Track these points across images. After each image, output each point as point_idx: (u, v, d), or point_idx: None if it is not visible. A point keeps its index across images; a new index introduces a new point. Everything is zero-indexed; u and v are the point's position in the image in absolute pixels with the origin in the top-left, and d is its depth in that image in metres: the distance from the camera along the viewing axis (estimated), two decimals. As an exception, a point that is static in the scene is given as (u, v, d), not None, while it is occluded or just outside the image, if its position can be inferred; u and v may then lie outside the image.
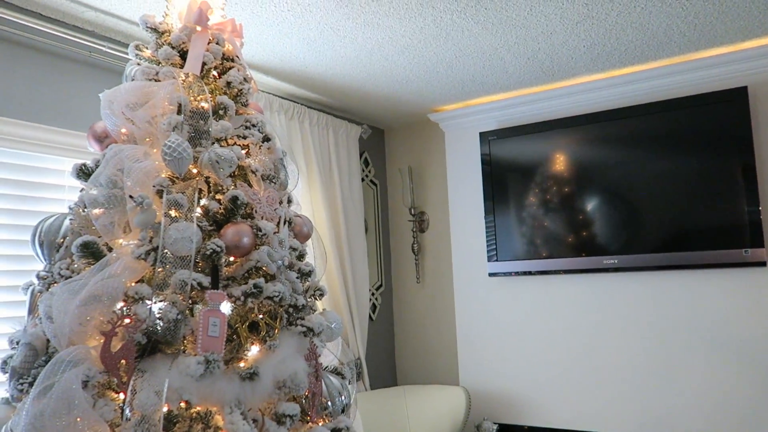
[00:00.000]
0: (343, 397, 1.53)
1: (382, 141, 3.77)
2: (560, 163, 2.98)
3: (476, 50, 2.53)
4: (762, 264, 2.52)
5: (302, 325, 1.43)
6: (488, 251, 3.15)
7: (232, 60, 1.63)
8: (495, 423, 3.07)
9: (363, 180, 3.54)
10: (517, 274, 3.07)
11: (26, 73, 1.94)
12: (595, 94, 2.97)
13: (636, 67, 2.80)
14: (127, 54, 1.62)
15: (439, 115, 3.39)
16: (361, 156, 3.51)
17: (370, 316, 3.43)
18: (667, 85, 2.82)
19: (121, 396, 1.23)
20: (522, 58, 2.64)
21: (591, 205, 2.90)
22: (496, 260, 3.12)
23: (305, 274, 1.57)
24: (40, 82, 1.97)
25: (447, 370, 3.39)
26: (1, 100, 1.86)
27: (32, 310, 1.36)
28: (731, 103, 2.60)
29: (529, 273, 3.04)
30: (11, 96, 1.89)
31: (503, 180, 3.13)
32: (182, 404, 1.25)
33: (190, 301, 1.31)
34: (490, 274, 3.14)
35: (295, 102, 2.93)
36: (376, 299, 3.56)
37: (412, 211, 3.58)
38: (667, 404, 2.75)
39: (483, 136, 3.20)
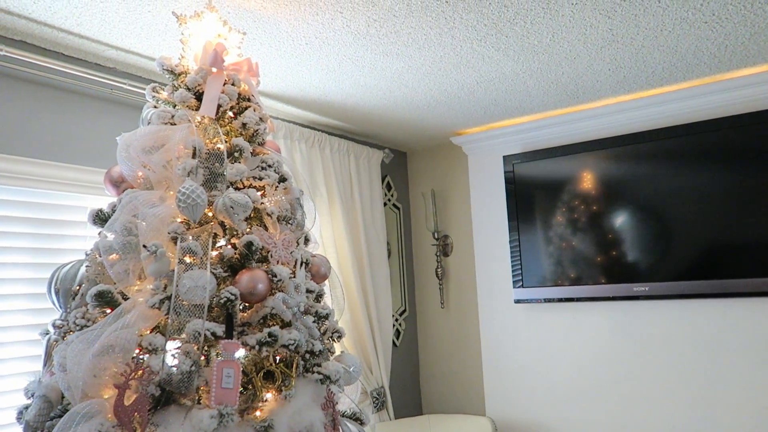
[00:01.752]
0: (361, 445, 1.49)
1: (404, 164, 3.74)
2: (587, 184, 2.91)
3: (498, 76, 2.48)
4: (803, 293, 2.40)
5: (319, 372, 1.40)
6: (513, 276, 3.09)
7: (248, 99, 1.62)
8: (523, 455, 2.98)
9: (386, 204, 3.51)
10: (543, 301, 2.99)
11: (48, 112, 1.96)
12: (623, 115, 2.89)
13: (664, 89, 2.72)
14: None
15: (461, 139, 3.35)
16: (383, 180, 3.49)
17: (393, 342, 3.39)
18: (697, 106, 2.73)
19: (135, 449, 1.21)
20: (545, 82, 2.58)
21: (620, 229, 2.81)
22: (522, 286, 3.05)
23: (322, 317, 1.54)
24: (62, 121, 2.00)
25: (473, 399, 3.31)
26: (24, 140, 1.89)
27: (48, 359, 1.36)
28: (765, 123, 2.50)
29: (556, 300, 2.96)
30: (34, 136, 1.92)
31: (528, 201, 3.07)
32: (196, 459, 1.22)
33: (204, 352, 1.29)
34: (516, 301, 3.07)
35: (315, 129, 2.93)
36: (400, 325, 3.51)
37: (436, 234, 3.53)
38: (704, 439, 2.63)
39: (507, 159, 3.15)
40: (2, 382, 1.83)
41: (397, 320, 3.48)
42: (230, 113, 1.57)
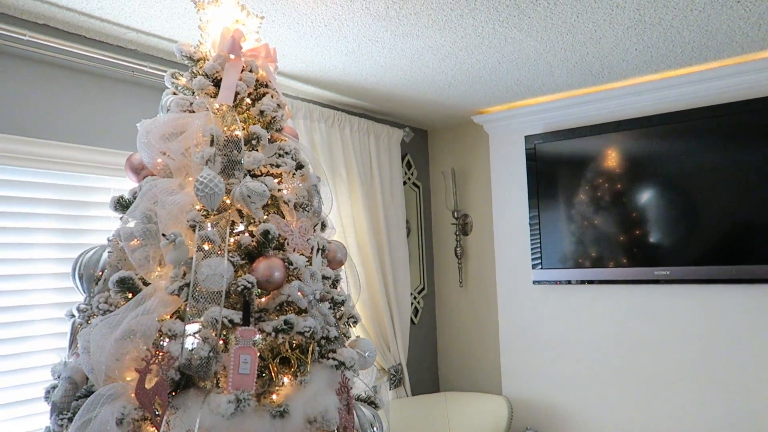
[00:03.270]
0: (375, 429, 1.52)
1: (425, 143, 3.71)
2: (610, 164, 2.86)
3: (520, 56, 2.43)
4: (829, 281, 2.35)
5: (334, 359, 1.42)
6: (532, 257, 3.07)
7: (266, 86, 1.62)
8: (538, 434, 3.02)
9: (405, 183, 3.50)
10: (563, 283, 2.98)
11: (72, 95, 1.99)
12: (650, 95, 2.82)
13: (694, 68, 2.64)
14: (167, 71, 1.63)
15: (483, 117, 3.31)
16: (403, 159, 3.48)
17: (411, 320, 3.42)
18: (728, 86, 2.64)
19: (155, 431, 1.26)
20: (569, 62, 2.53)
21: (643, 210, 2.77)
22: (541, 268, 3.04)
23: (338, 303, 1.56)
24: (85, 104, 2.02)
25: (490, 377, 3.34)
26: (48, 124, 1.92)
27: (73, 342, 1.40)
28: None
29: (575, 282, 2.94)
30: (58, 119, 1.95)
31: (549, 181, 3.03)
32: (214, 441, 1.27)
33: (222, 337, 1.32)
34: (535, 282, 3.07)
35: (335, 109, 2.92)
36: (418, 303, 3.54)
37: (455, 213, 3.52)
38: (709, 420, 2.62)
39: (528, 139, 3.10)
40: (31, 359, 1.90)
41: (415, 298, 3.51)
42: (248, 100, 1.57)
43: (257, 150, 1.51)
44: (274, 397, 1.36)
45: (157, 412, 1.25)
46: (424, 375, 3.48)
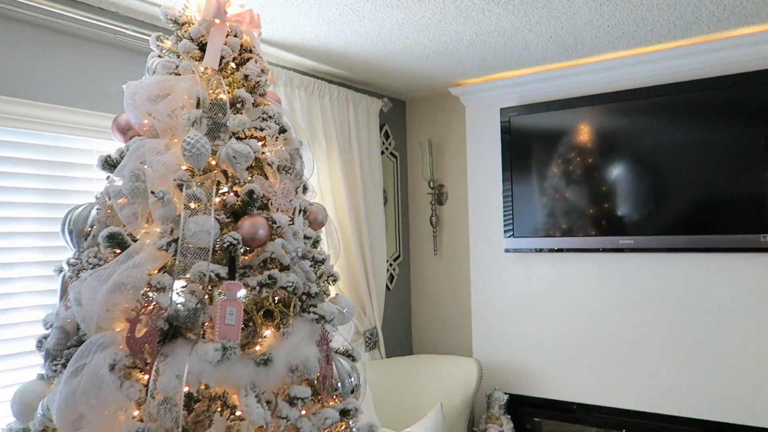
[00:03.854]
0: (352, 379, 1.62)
1: (403, 113, 3.77)
2: (582, 137, 2.97)
3: (497, 29, 2.50)
4: (779, 250, 2.51)
5: (314, 313, 1.51)
6: (505, 227, 3.19)
7: (250, 51, 1.66)
8: (506, 393, 3.17)
9: (383, 153, 3.57)
10: (532, 251, 3.11)
11: (53, 57, 2.00)
12: (620, 71, 2.92)
13: (662, 46, 2.74)
14: (149, 35, 1.66)
15: (460, 89, 3.38)
16: (381, 129, 3.54)
17: (387, 286, 3.52)
18: (694, 64, 2.75)
19: (146, 377, 1.33)
20: (544, 36, 2.60)
21: (612, 182, 2.90)
22: (513, 236, 3.15)
23: (319, 262, 1.64)
24: (67, 66, 2.04)
25: (461, 341, 3.48)
26: (29, 84, 1.93)
27: (63, 294, 1.46)
28: (764, 84, 2.54)
29: (544, 250, 3.07)
30: (39, 80, 1.96)
31: (522, 152, 3.14)
32: (201, 387, 1.35)
33: (208, 291, 1.39)
34: (506, 250, 3.19)
35: (315, 77, 2.95)
36: (394, 270, 3.64)
37: (431, 183, 3.61)
38: (673, 382, 2.80)
39: (503, 111, 3.19)
40: (17, 315, 1.94)
41: (391, 265, 3.61)
42: (232, 64, 1.62)
43: (242, 113, 1.56)
44: (257, 347, 1.44)
45: (147, 360, 1.32)
46: (398, 338, 3.60)
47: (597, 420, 3.05)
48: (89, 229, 1.48)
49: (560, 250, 3.03)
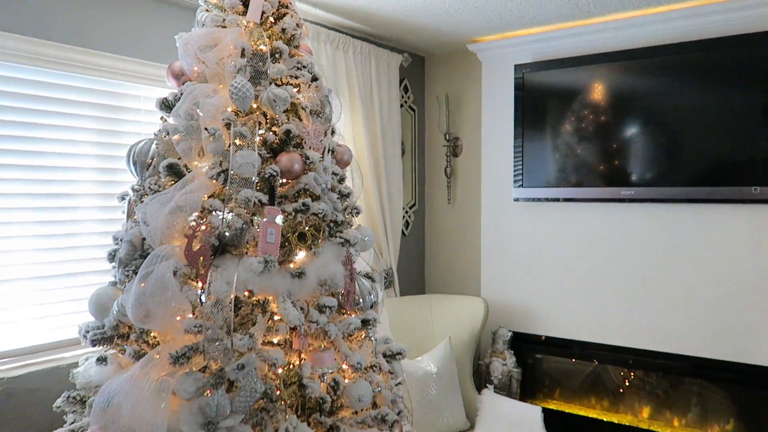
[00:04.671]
0: (372, 296, 1.88)
1: (422, 68, 3.94)
2: (589, 96, 3.13)
3: (512, -12, 2.65)
4: (767, 202, 2.69)
5: (341, 237, 1.75)
6: (515, 177, 3.39)
7: (287, 7, 1.86)
8: (510, 330, 3.44)
9: (402, 106, 3.76)
10: (539, 200, 3.32)
11: (112, 11, 2.23)
12: (634, 30, 3.04)
13: (677, 5, 2.86)
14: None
15: (477, 46, 3.54)
16: (401, 83, 3.72)
17: (402, 232, 3.77)
18: (708, 24, 2.84)
19: (200, 285, 1.60)
20: (557, -5, 2.75)
21: (614, 138, 3.07)
22: (522, 186, 3.36)
23: (344, 196, 1.88)
24: (123, 19, 2.26)
25: (470, 283, 3.75)
26: (90, 35, 2.16)
27: (130, 215, 1.72)
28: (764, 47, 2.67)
29: (550, 199, 3.28)
30: (99, 31, 2.19)
31: (533, 107, 3.31)
32: (246, 293, 1.61)
33: (252, 214, 1.64)
34: (515, 199, 3.40)
35: (340, 32, 3.13)
36: (410, 217, 3.88)
37: (447, 136, 3.81)
38: (665, 322, 3.04)
39: (517, 68, 3.35)
40: (81, 239, 2.23)
41: (407, 212, 3.85)
42: (271, 19, 1.82)
43: (280, 63, 1.78)
44: (292, 265, 1.69)
45: (201, 270, 1.59)
46: (412, 279, 3.88)
47: (594, 356, 3.32)
48: (150, 160, 1.73)
49: (565, 200, 3.24)
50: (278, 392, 1.59)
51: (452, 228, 3.88)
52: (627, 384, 3.29)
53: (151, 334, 1.65)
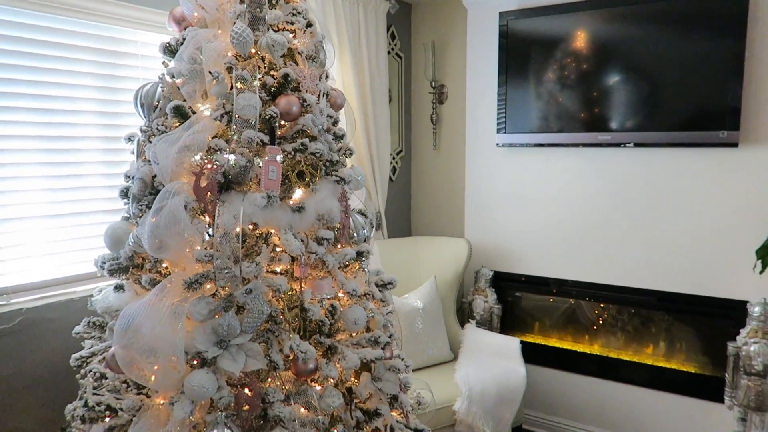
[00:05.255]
0: (365, 231, 2.03)
1: (408, 16, 3.99)
2: (571, 44, 3.24)
3: (498, -65, 2.71)
4: (735, 145, 2.87)
5: (336, 175, 1.89)
6: (498, 123, 3.53)
7: (281, -46, 1.93)
8: (491, 270, 3.65)
9: (389, 53, 3.83)
10: (521, 145, 3.47)
11: (102, -47, 2.27)
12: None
13: (651, -46, 2.95)
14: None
15: (463, -7, 3.60)
16: (388, 30, 3.78)
17: (390, 177, 3.91)
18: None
19: (207, 219, 1.73)
20: (541, -57, 2.81)
21: (594, 85, 3.20)
22: (504, 132, 3.50)
23: (339, 137, 2.00)
24: (113, -38, 2.30)
25: (454, 225, 3.93)
26: (84, -22, 2.21)
27: (139, 154, 1.83)
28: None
29: (531, 145, 3.43)
30: (92, -25, 2.23)
31: (517, 54, 3.41)
32: (251, 226, 1.75)
33: (254, 154, 1.76)
34: (498, 145, 3.54)
35: (329, -22, 3.18)
36: (397, 163, 4.02)
37: (433, 83, 3.90)
38: (634, 259, 3.26)
39: (502, 15, 3.43)
40: (85, 180, 2.34)
41: (394, 158, 3.98)
42: (267, -35, 1.89)
43: (276, 9, 1.86)
44: (291, 201, 1.83)
45: (209, 205, 1.72)
46: (399, 222, 4.05)
47: (570, 293, 3.54)
48: (156, 103, 1.83)
49: (545, 145, 3.39)
50: (282, 315, 1.75)
51: (437, 173, 4.03)
52: (600, 318, 3.54)
53: (164, 265, 1.80)
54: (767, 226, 2.74)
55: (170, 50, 1.83)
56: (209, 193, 1.72)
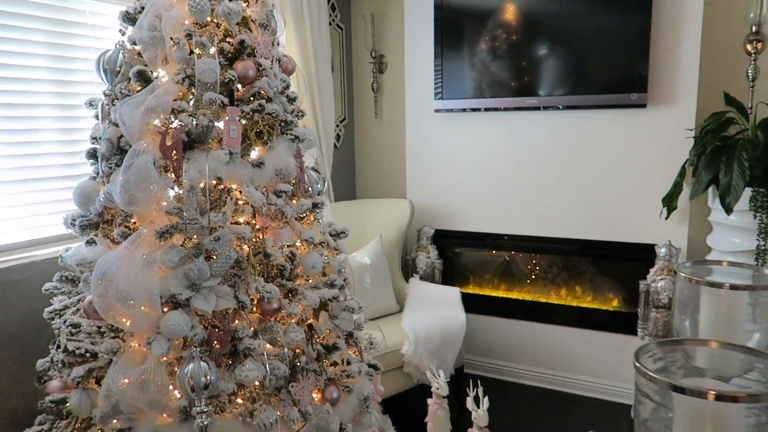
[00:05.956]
0: (318, 185, 2.23)
1: (347, -13, 4.15)
2: (499, 17, 3.49)
3: None
4: (644, 106, 3.22)
5: (291, 134, 2.07)
6: (435, 91, 3.76)
7: (231, -74, 2.06)
8: (432, 228, 3.92)
9: (330, 24, 3.98)
10: (456, 110, 3.73)
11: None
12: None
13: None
14: None
15: (399, -34, 3.78)
16: (328, 2, 3.91)
17: (335, 144, 4.09)
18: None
19: (173, 176, 1.88)
20: None
21: (522, 54, 3.48)
22: (441, 99, 3.74)
23: (291, 99, 2.17)
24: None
25: (397, 187, 4.17)
26: (33, -52, 2.25)
27: (104, 117, 1.95)
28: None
29: (467, 110, 3.69)
30: (40, -56, 2.28)
31: (450, 28, 3.65)
32: (215, 181, 1.91)
33: (215, 114, 1.91)
34: (436, 110, 3.79)
35: (270, -50, 3.28)
36: (341, 130, 4.20)
37: (373, 54, 4.09)
38: (560, 212, 3.60)
39: (436, -13, 3.65)
40: (42, 147, 2.41)
41: (338, 126, 4.16)
42: (219, -62, 2.02)
43: (230, -21, 2.00)
44: (251, 158, 2.00)
45: (174, 162, 1.86)
46: (344, 187, 4.25)
47: (504, 246, 3.87)
48: (118, 68, 1.94)
49: (479, 110, 3.66)
50: (247, 261, 1.93)
51: (380, 139, 4.24)
52: (532, 267, 3.89)
53: (132, 220, 1.93)
54: (672, 177, 3.11)
55: (129, 18, 1.94)
56: (175, 152, 1.87)
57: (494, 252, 3.95)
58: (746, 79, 3.11)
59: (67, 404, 1.87)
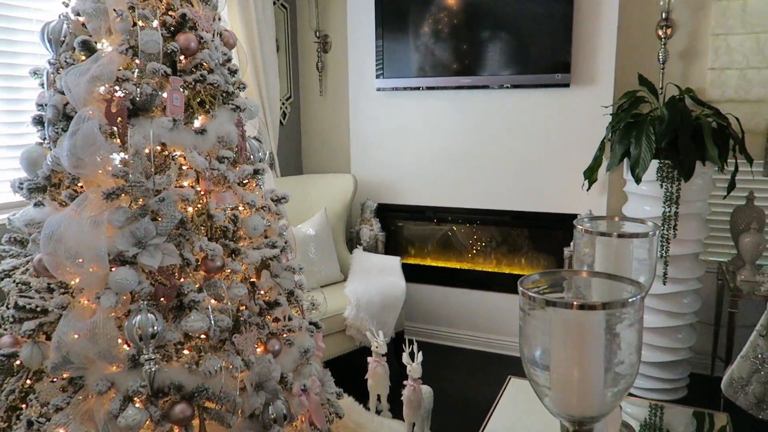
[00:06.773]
0: (260, 153, 2.37)
1: (292, -33, 4.25)
2: (438, 0, 3.69)
3: None
4: (567, 85, 3.48)
5: (233, 104, 2.20)
6: (377, 71, 3.93)
7: None
8: (375, 202, 4.11)
9: (274, 3, 4.08)
10: (396, 89, 3.91)
11: None
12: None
13: None
14: None
15: (341, -52, 3.91)
16: (272, -19, 4.01)
17: (281, 122, 4.22)
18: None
19: (119, 141, 1.99)
20: None
21: (459, 36, 3.68)
22: (383, 78, 3.91)
23: (233, 72, 2.30)
24: None
25: (341, 163, 4.34)
26: None
27: (50, 84, 2.03)
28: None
29: (406, 89, 3.88)
30: None
31: (390, 9, 3.81)
32: (159, 147, 2.03)
33: (159, 83, 2.03)
34: (378, 89, 3.96)
35: (213, -72, 3.35)
36: (286, 108, 4.32)
37: (318, 33, 4.22)
38: (494, 185, 3.85)
39: (377, -30, 3.80)
40: (-15, 117, 2.46)
41: (283, 104, 4.28)
42: None
43: (171, -45, 2.10)
44: (195, 124, 2.12)
45: (120, 128, 1.97)
46: (290, 163, 4.38)
47: (443, 218, 4.10)
48: (63, 38, 2.03)
49: (416, 88, 3.85)
50: (192, 221, 2.07)
51: (324, 116, 4.39)
52: (469, 238, 4.13)
53: (79, 184, 2.03)
54: (592, 151, 3.38)
55: (73, -10, 2.03)
56: (120, 118, 1.97)
57: (435, 224, 4.17)
58: (657, 62, 3.41)
59: (18, 359, 1.97)
